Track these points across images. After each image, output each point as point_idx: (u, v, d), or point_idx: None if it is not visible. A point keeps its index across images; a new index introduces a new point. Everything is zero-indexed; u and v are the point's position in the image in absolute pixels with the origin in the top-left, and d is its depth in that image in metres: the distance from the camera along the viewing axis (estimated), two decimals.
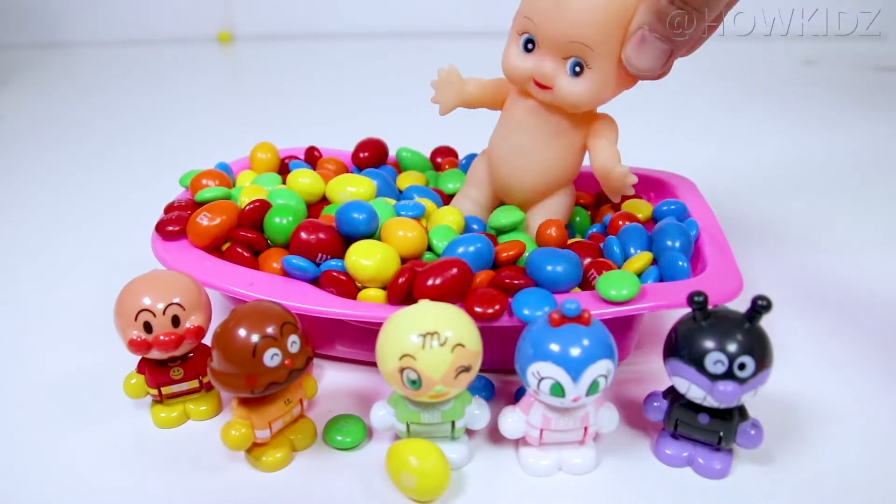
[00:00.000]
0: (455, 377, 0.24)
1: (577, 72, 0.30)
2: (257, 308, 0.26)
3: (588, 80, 0.30)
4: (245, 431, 0.26)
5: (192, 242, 0.33)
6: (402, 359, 0.24)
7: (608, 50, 0.29)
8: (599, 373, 0.24)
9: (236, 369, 0.25)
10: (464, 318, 0.25)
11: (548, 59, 0.30)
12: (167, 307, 0.27)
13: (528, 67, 0.31)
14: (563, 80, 0.30)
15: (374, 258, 0.30)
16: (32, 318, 0.38)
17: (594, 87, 0.30)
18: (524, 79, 0.31)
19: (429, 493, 0.25)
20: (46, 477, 0.27)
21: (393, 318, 0.25)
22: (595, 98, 0.31)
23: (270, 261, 0.31)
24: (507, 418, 0.27)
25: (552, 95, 0.31)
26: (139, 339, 0.27)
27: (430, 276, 0.28)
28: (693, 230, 0.33)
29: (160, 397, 0.30)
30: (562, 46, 0.30)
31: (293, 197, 0.35)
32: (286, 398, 0.27)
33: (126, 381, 0.30)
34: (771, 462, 0.28)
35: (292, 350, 0.26)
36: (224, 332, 0.25)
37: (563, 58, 0.30)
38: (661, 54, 0.29)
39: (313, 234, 0.31)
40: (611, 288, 0.28)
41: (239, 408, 0.27)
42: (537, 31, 0.30)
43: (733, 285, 0.29)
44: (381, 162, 0.42)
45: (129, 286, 0.28)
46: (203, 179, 0.37)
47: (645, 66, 0.29)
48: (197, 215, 0.32)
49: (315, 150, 0.42)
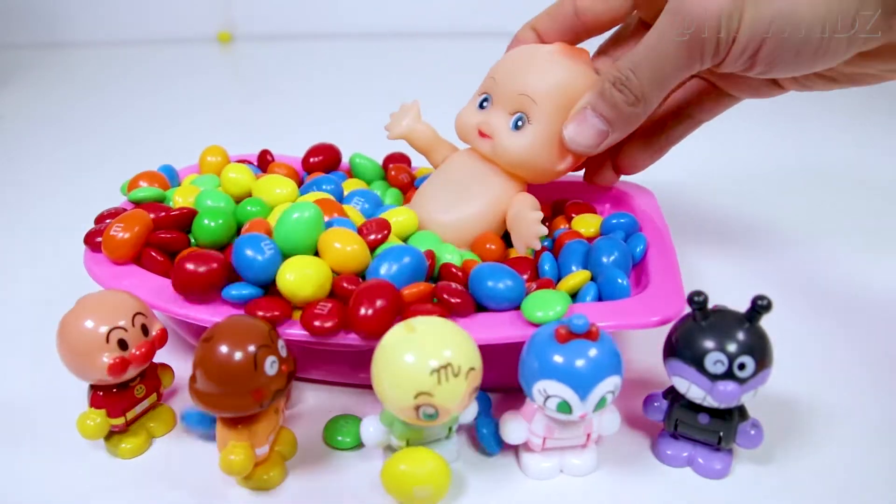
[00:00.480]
0: (468, 399, 0.24)
1: (519, 126, 0.32)
2: (239, 321, 0.25)
3: (525, 136, 0.32)
4: (246, 453, 0.25)
5: (107, 257, 0.31)
6: (417, 397, 0.23)
7: (550, 110, 0.32)
8: (608, 389, 0.24)
9: (240, 387, 0.24)
10: (465, 336, 0.24)
11: (496, 113, 0.33)
12: (134, 318, 0.26)
13: (476, 121, 0.33)
14: (504, 131, 0.32)
15: (303, 273, 0.27)
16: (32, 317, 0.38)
17: (530, 143, 0.32)
18: (470, 129, 0.33)
19: (441, 494, 0.25)
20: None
21: (391, 349, 0.24)
22: (530, 155, 0.32)
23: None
24: (509, 425, 0.27)
25: (491, 146, 0.33)
26: (118, 360, 0.26)
27: (361, 305, 0.26)
28: (640, 245, 0.32)
29: (125, 425, 0.28)
30: (512, 99, 0.32)
31: (223, 198, 0.34)
32: (275, 407, 0.26)
33: (81, 423, 0.27)
34: (771, 462, 0.28)
35: (283, 354, 0.25)
36: (215, 354, 0.24)
37: (510, 113, 0.32)
38: (598, 134, 0.31)
39: (202, 264, 0.27)
40: (537, 309, 0.27)
41: (232, 430, 0.25)
42: (495, 89, 0.33)
43: (675, 304, 0.28)
44: (334, 167, 0.41)
45: (82, 312, 0.26)
46: (140, 181, 0.37)
47: (581, 142, 0.31)
48: (110, 227, 0.30)
49: (268, 153, 0.41)
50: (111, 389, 0.28)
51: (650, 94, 0.30)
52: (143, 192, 0.34)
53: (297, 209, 0.28)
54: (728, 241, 0.45)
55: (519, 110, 0.32)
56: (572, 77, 0.32)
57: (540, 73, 0.32)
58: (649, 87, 0.29)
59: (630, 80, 0.29)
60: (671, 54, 0.28)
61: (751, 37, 0.27)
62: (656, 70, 0.29)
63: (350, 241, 0.29)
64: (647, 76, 0.29)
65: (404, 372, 0.23)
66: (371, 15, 0.98)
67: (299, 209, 0.28)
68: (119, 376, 0.26)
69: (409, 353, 0.23)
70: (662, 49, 0.28)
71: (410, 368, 0.23)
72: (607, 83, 0.30)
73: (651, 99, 0.30)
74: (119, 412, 0.28)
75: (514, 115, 0.32)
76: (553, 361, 0.24)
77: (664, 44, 0.28)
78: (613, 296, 0.29)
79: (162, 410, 0.30)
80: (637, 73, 0.29)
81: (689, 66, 0.28)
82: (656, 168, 0.40)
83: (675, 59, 0.28)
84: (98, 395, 0.27)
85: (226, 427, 0.25)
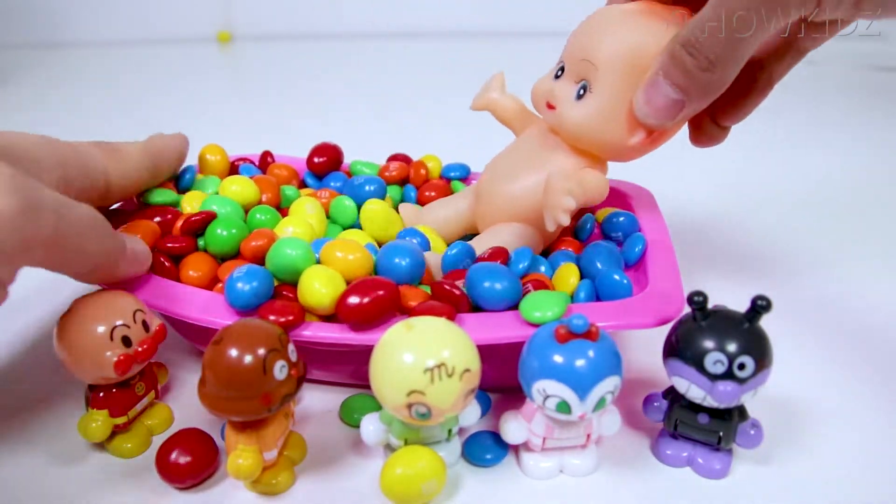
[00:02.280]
0: (464, 401, 0.24)
1: (581, 94, 0.30)
2: (248, 324, 0.25)
3: (587, 106, 0.30)
4: (254, 457, 0.25)
5: None
6: (409, 395, 0.23)
7: (614, 76, 0.29)
8: (607, 389, 0.24)
9: (248, 391, 0.23)
10: (463, 337, 0.24)
11: (565, 81, 0.31)
12: (135, 314, 0.27)
13: (546, 88, 0.31)
14: (566, 101, 0.30)
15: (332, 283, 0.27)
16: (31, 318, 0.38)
17: (589, 114, 0.30)
18: (540, 99, 0.31)
19: (442, 482, 0.25)
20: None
21: (388, 347, 0.24)
22: (591, 128, 0.30)
23: (187, 268, 0.30)
24: (509, 425, 0.27)
25: (555, 117, 0.31)
26: (123, 357, 0.26)
27: (355, 293, 0.26)
28: (639, 245, 0.32)
29: (127, 424, 0.28)
30: (577, 65, 0.30)
31: (230, 203, 0.33)
32: (285, 411, 0.26)
33: (84, 426, 0.27)
34: (771, 462, 0.28)
35: (293, 358, 0.25)
36: (224, 357, 0.23)
37: (575, 81, 0.30)
38: (672, 105, 0.27)
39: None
40: (535, 309, 0.27)
41: (240, 434, 0.25)
42: (567, 55, 0.31)
43: (675, 304, 0.27)
44: (336, 167, 0.41)
45: (83, 312, 0.26)
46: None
47: (652, 115, 0.28)
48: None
49: (269, 155, 0.41)
50: (111, 389, 0.27)
51: (726, 57, 0.25)
52: (159, 195, 0.34)
53: (291, 246, 0.28)
54: (728, 241, 0.45)
55: (583, 77, 0.30)
56: (644, 38, 0.28)
57: (603, 34, 0.29)
58: (724, 48, 0.25)
59: (700, 40, 0.25)
60: (745, 5, 0.24)
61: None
62: (730, 27, 0.24)
63: (352, 251, 0.29)
64: (720, 35, 0.25)
65: (398, 369, 0.23)
66: (371, 15, 0.98)
67: (293, 246, 0.28)
68: (125, 373, 0.26)
69: (405, 351, 0.23)
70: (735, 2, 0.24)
71: (404, 366, 0.23)
72: (678, 44, 0.26)
73: (727, 62, 0.26)
74: (121, 411, 0.28)
75: (579, 83, 0.30)
76: (552, 361, 0.24)
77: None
78: (613, 296, 0.29)
79: (160, 408, 0.30)
80: (710, 31, 0.25)
81: (770, 17, 0.24)
82: (657, 169, 0.40)
83: (754, 7, 0.24)
84: (98, 395, 0.27)
85: (235, 431, 0.25)
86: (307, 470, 0.28)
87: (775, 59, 0.30)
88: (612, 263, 0.31)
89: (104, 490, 0.27)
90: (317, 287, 0.27)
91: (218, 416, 0.24)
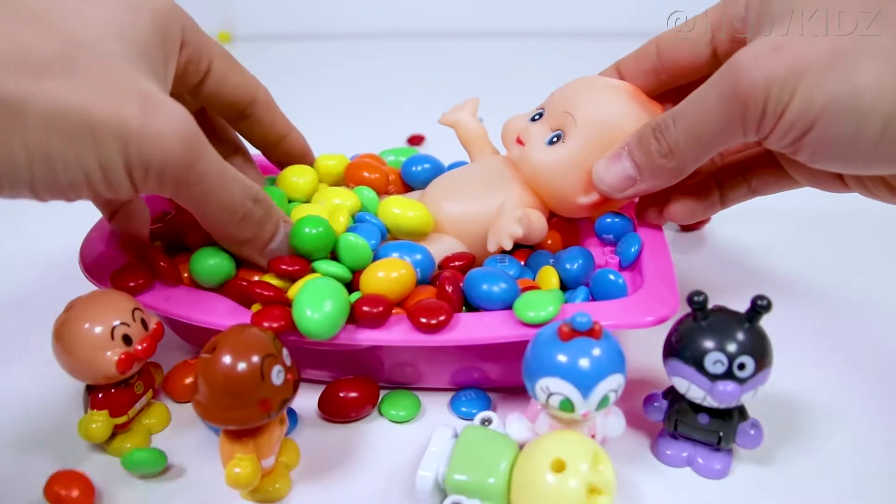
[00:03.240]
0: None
1: (553, 142, 0.31)
2: (241, 331, 0.24)
3: (556, 152, 0.31)
4: (253, 465, 0.24)
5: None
6: None
7: (588, 137, 0.31)
8: (610, 388, 0.24)
9: (246, 399, 0.23)
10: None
11: (540, 125, 0.32)
12: (133, 313, 0.27)
13: (521, 127, 0.33)
14: (537, 142, 0.32)
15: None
16: None
17: (554, 161, 0.31)
18: (511, 135, 0.33)
19: None
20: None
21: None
22: (551, 174, 0.31)
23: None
24: (512, 426, 0.27)
25: (521, 153, 0.32)
26: (124, 356, 0.26)
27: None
28: (635, 245, 0.32)
29: (127, 423, 0.28)
30: (557, 116, 0.31)
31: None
32: (280, 418, 0.26)
33: (85, 427, 0.27)
34: (771, 462, 0.28)
35: (287, 363, 0.24)
36: (220, 366, 0.23)
37: (551, 129, 0.32)
38: (625, 179, 0.30)
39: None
40: (529, 309, 0.27)
41: (236, 443, 0.24)
42: (550, 106, 0.32)
43: (670, 304, 0.28)
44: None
45: (81, 312, 0.26)
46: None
47: (606, 181, 0.30)
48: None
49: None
50: (110, 389, 0.27)
51: (685, 151, 0.27)
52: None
53: (310, 224, 0.29)
54: (728, 241, 0.45)
55: (559, 128, 0.31)
56: (623, 115, 0.31)
57: (592, 98, 0.31)
58: (685, 143, 0.27)
59: (668, 129, 0.27)
60: (712, 116, 0.26)
61: (799, 116, 0.24)
62: (695, 127, 0.27)
63: (396, 268, 0.29)
64: (685, 131, 0.27)
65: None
66: (371, 15, 0.98)
67: (312, 224, 0.29)
68: (126, 372, 0.26)
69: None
70: (705, 107, 0.26)
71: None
72: (648, 127, 0.29)
73: (686, 156, 0.28)
74: (122, 410, 0.28)
75: (554, 132, 0.31)
76: (556, 359, 0.24)
77: (707, 102, 0.26)
78: (609, 296, 0.29)
79: (157, 407, 0.30)
80: (676, 124, 0.27)
81: (729, 132, 0.26)
82: None
83: (716, 121, 0.26)
84: (98, 396, 0.27)
85: (230, 440, 0.25)
86: (302, 475, 0.28)
87: (731, 186, 0.33)
88: (581, 270, 0.31)
89: (104, 490, 0.27)
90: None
91: (215, 425, 0.24)
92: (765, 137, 0.25)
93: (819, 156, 0.25)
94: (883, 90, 0.23)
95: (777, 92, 0.24)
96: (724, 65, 0.26)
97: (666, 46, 0.31)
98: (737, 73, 0.25)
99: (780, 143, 0.25)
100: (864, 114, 0.23)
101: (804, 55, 0.24)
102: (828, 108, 0.23)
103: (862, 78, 0.23)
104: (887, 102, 0.23)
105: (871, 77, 0.23)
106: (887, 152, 0.24)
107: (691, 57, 0.31)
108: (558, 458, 0.23)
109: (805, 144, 0.25)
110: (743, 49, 0.25)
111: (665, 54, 0.31)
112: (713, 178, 0.33)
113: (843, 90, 0.23)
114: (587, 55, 0.36)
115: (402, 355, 0.31)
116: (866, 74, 0.23)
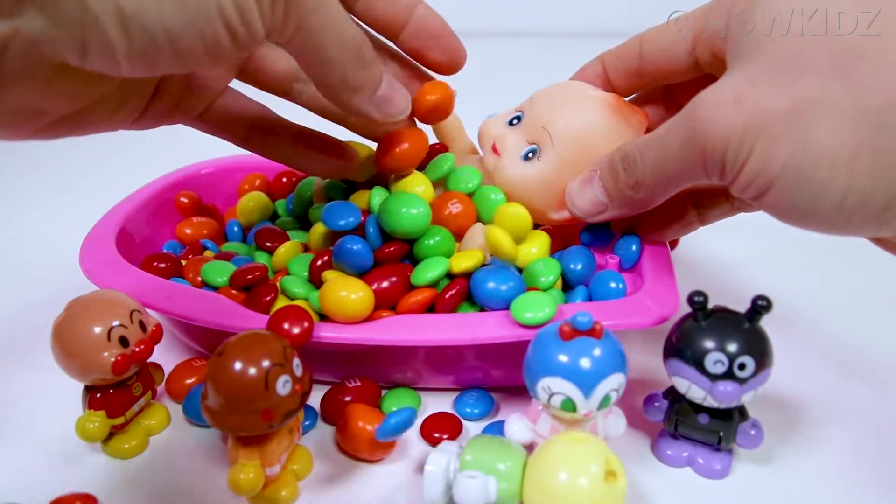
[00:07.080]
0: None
1: (528, 157, 0.31)
2: (253, 336, 0.24)
3: (531, 168, 0.31)
4: (255, 472, 0.24)
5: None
6: None
7: (564, 155, 0.30)
8: (612, 387, 0.24)
9: (249, 406, 0.23)
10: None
11: (517, 135, 0.32)
12: (132, 314, 0.27)
13: (498, 133, 0.32)
14: (512, 155, 0.31)
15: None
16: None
17: (528, 177, 0.31)
18: (487, 140, 0.32)
19: None
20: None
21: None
22: (524, 189, 0.31)
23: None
24: (514, 426, 0.27)
25: (495, 163, 0.32)
26: (120, 357, 0.26)
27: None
28: (634, 244, 0.31)
29: (124, 425, 0.28)
30: (534, 129, 0.31)
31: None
32: (289, 427, 0.25)
33: (81, 427, 0.27)
34: (771, 462, 0.28)
35: (298, 374, 0.24)
36: (225, 370, 0.23)
37: (528, 141, 0.31)
38: (596, 204, 0.29)
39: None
40: (526, 310, 0.27)
41: (243, 448, 0.24)
42: (529, 112, 0.32)
43: (669, 304, 0.27)
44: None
45: (80, 313, 0.26)
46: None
47: (578, 205, 0.30)
48: None
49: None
50: (108, 390, 0.27)
51: (651, 185, 0.27)
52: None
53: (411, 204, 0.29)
54: (728, 241, 0.45)
55: (535, 142, 0.31)
56: (602, 133, 0.30)
57: (571, 115, 0.30)
58: (651, 178, 0.27)
59: (635, 163, 0.27)
60: (674, 157, 0.25)
61: (757, 175, 0.23)
62: (660, 164, 0.26)
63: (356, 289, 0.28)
64: (651, 166, 0.27)
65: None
66: None
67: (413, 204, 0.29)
68: (122, 373, 0.26)
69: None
70: (668, 147, 0.26)
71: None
72: (619, 156, 0.28)
73: (652, 189, 0.27)
74: (119, 411, 0.28)
75: (530, 146, 0.31)
76: (557, 358, 0.24)
77: (670, 142, 0.26)
78: (607, 296, 0.29)
79: (156, 408, 0.30)
80: (643, 158, 0.27)
81: (693, 174, 0.25)
82: None
83: (678, 162, 0.25)
84: (96, 396, 0.27)
85: (237, 444, 0.24)
86: (312, 484, 0.27)
87: (711, 204, 0.31)
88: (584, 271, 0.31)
89: (103, 491, 0.27)
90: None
91: (221, 429, 0.24)
92: (729, 185, 0.24)
93: (783, 216, 0.24)
94: (838, 165, 0.22)
95: (735, 147, 0.23)
96: (689, 105, 0.25)
97: (648, 49, 0.30)
98: (696, 124, 0.24)
99: (744, 195, 0.24)
100: (821, 185, 0.22)
101: (764, 109, 0.22)
102: (785, 173, 0.22)
103: (819, 146, 0.22)
104: (842, 179, 0.22)
105: (827, 145, 0.22)
106: (847, 225, 0.23)
107: (673, 64, 0.30)
108: (611, 469, 0.23)
109: (766, 203, 0.24)
110: (706, 93, 0.24)
111: (647, 59, 0.31)
112: (690, 197, 0.31)
113: (799, 156, 0.22)
114: (579, 54, 0.35)
115: (401, 356, 0.31)
116: (824, 142, 0.22)
